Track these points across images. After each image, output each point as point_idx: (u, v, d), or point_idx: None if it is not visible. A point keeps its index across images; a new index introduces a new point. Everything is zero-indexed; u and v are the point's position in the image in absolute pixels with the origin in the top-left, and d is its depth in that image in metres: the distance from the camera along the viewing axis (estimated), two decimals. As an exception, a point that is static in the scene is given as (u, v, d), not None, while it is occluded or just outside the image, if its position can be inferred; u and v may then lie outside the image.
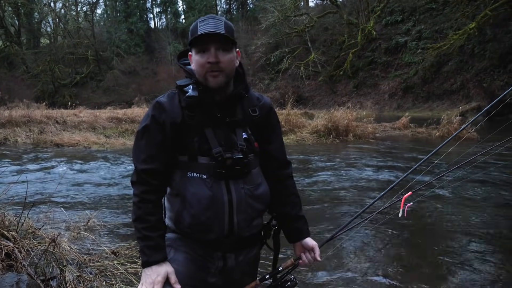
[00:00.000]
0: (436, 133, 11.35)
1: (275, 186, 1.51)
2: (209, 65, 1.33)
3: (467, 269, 3.08)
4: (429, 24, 23.66)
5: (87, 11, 42.83)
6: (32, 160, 8.41)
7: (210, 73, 1.34)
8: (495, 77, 18.55)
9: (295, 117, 12.44)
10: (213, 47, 1.32)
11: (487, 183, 5.75)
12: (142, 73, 37.78)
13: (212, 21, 1.33)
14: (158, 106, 1.38)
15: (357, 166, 7.41)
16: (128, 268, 2.66)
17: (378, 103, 23.54)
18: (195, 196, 1.35)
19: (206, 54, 1.33)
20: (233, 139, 1.40)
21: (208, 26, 1.32)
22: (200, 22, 1.34)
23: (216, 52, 1.33)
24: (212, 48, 1.32)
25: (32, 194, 5.17)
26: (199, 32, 1.31)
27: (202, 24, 1.33)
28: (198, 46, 1.34)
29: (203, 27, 1.32)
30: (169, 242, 1.42)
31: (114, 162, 8.14)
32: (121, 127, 13.45)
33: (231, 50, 1.37)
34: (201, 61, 1.34)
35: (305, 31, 29.10)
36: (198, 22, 1.35)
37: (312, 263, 1.56)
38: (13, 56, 38.64)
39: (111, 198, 5.38)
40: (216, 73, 1.34)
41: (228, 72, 1.36)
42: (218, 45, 1.33)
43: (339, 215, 4.47)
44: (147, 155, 1.37)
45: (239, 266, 1.45)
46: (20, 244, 2.57)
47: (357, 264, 3.20)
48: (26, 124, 12.78)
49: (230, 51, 1.36)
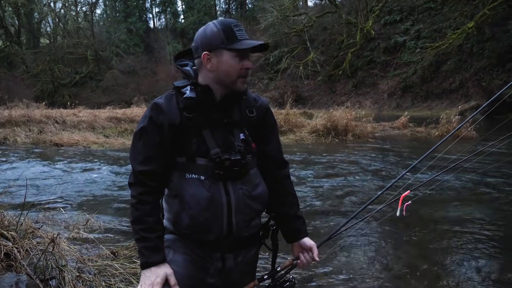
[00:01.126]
0: (435, 132, 11.36)
1: (273, 186, 1.51)
2: (245, 71, 1.38)
3: (467, 268, 3.09)
4: (427, 24, 23.66)
5: (87, 11, 42.78)
6: (31, 160, 8.40)
7: (242, 78, 1.38)
8: (494, 76, 18.56)
9: (294, 117, 12.44)
10: (250, 55, 1.39)
11: (486, 181, 5.75)
12: (141, 72, 37.73)
13: (243, 29, 1.39)
14: (155, 108, 1.38)
15: (355, 165, 7.42)
16: (128, 268, 2.67)
17: (377, 102, 23.55)
18: (193, 197, 1.36)
19: (243, 60, 1.37)
20: (231, 140, 1.40)
21: (245, 34, 1.37)
22: (235, 27, 1.36)
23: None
24: (250, 55, 1.39)
25: (31, 194, 5.17)
26: (240, 37, 1.35)
27: (237, 29, 1.36)
28: (239, 51, 1.36)
29: (241, 33, 1.36)
30: (168, 243, 1.43)
31: (113, 162, 8.14)
32: (120, 127, 13.44)
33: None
34: (238, 66, 1.37)
35: (304, 30, 29.08)
36: (232, 26, 1.36)
37: (310, 263, 1.56)
38: (13, 56, 38.57)
39: (111, 198, 5.38)
40: (246, 79, 1.40)
41: None
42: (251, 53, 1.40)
43: (337, 215, 4.48)
44: (144, 157, 1.37)
45: (238, 266, 1.46)
46: (20, 244, 2.57)
47: (356, 263, 3.20)
48: (26, 123, 12.76)
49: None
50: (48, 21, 43.13)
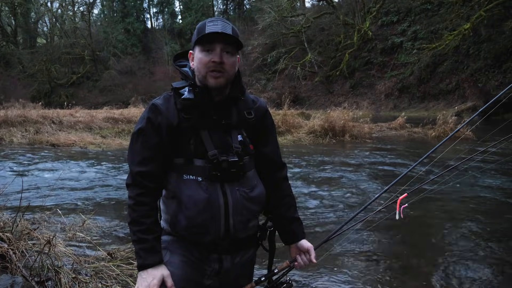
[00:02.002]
0: (432, 133, 11.41)
1: (270, 188, 1.51)
2: (213, 64, 1.34)
3: (466, 269, 3.10)
4: (424, 25, 23.77)
5: (84, 11, 42.61)
6: (27, 161, 8.35)
7: (212, 73, 1.35)
8: (490, 77, 18.67)
9: (291, 118, 12.45)
10: (219, 47, 1.34)
11: (483, 183, 5.77)
12: (138, 73, 37.64)
13: (221, 23, 1.35)
14: (153, 109, 1.38)
15: (353, 166, 7.43)
16: (124, 270, 2.65)
17: (374, 103, 23.62)
18: (191, 199, 1.35)
19: (211, 53, 1.34)
20: (228, 142, 1.40)
21: (217, 26, 1.34)
22: (209, 22, 1.36)
23: (221, 52, 1.34)
24: (218, 48, 1.34)
25: (27, 195, 5.14)
26: (207, 30, 1.33)
27: (211, 24, 1.35)
28: (204, 44, 1.35)
29: (211, 26, 1.34)
30: (165, 244, 1.42)
31: (110, 163, 8.11)
32: (118, 127, 13.40)
33: (235, 54, 1.39)
34: (205, 60, 1.35)
35: (301, 31, 29.13)
36: (206, 22, 1.37)
37: (307, 265, 1.56)
38: (9, 56, 38.41)
39: (107, 199, 5.36)
40: (219, 74, 1.35)
41: (229, 75, 1.38)
42: (224, 46, 1.35)
43: (335, 217, 4.47)
44: (142, 158, 1.37)
45: (235, 268, 1.46)
46: (15, 245, 2.55)
47: (353, 265, 3.20)
48: (22, 124, 12.69)
49: (234, 55, 1.38)
50: (45, 21, 43.04)
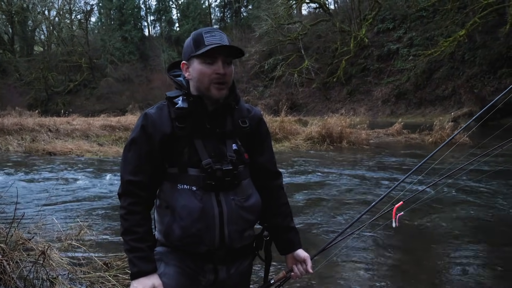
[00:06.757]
0: (429, 139, 11.46)
1: (266, 197, 1.50)
2: (217, 76, 1.34)
3: (462, 275, 3.08)
4: (420, 32, 23.97)
5: (81, 19, 42.72)
6: (23, 169, 8.30)
7: (216, 85, 1.35)
8: (486, 83, 18.80)
9: (289, 124, 12.47)
10: (220, 59, 1.34)
11: (480, 189, 5.78)
12: (136, 80, 37.66)
13: (217, 34, 1.36)
14: (146, 118, 1.38)
15: (350, 173, 7.43)
16: (120, 280, 2.63)
17: (371, 109, 23.71)
18: (185, 208, 1.34)
19: (213, 65, 1.34)
20: (223, 150, 1.39)
21: (215, 38, 1.34)
22: (205, 33, 1.35)
23: (223, 64, 1.35)
24: (219, 60, 1.34)
25: (22, 204, 5.10)
26: (206, 43, 1.33)
27: (208, 35, 1.35)
28: (206, 57, 1.34)
29: (210, 38, 1.34)
30: (159, 255, 1.40)
31: (107, 171, 8.07)
32: (115, 135, 13.37)
33: (231, 64, 1.40)
34: (208, 71, 1.35)
35: (298, 38, 29.30)
36: (202, 33, 1.36)
37: (304, 275, 1.54)
38: (6, 64, 38.38)
39: (104, 208, 5.32)
40: (222, 85, 1.36)
41: (229, 85, 1.39)
42: (224, 57, 1.35)
43: (331, 225, 4.45)
44: (134, 167, 1.36)
45: (231, 278, 1.44)
46: (9, 256, 2.52)
47: (350, 274, 3.18)
48: (18, 132, 12.65)
49: (231, 64, 1.39)
50: (42, 29, 43.09)
